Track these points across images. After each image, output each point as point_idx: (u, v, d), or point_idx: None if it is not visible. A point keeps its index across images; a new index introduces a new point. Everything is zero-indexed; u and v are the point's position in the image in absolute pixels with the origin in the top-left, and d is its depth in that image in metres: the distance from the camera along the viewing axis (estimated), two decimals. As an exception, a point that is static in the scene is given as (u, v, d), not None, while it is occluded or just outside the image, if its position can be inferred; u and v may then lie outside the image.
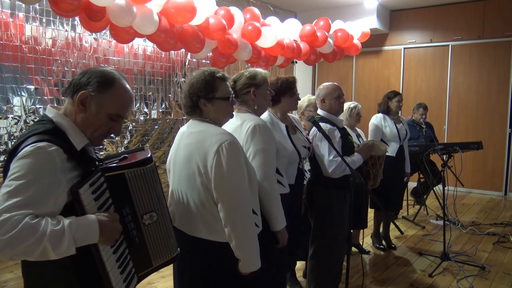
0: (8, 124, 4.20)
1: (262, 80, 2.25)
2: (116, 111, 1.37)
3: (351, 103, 3.95)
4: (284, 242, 2.17)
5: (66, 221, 1.19)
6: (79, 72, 1.38)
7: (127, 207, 1.37)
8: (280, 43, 4.71)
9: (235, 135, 2.10)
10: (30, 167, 1.17)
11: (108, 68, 1.39)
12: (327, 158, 2.70)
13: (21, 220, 1.12)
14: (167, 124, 5.80)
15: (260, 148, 2.10)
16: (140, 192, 1.40)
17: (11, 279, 3.51)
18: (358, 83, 8.23)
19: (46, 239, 1.13)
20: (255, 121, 2.14)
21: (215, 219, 1.76)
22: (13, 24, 4.12)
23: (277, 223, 2.12)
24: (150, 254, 1.46)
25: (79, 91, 1.33)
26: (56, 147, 1.23)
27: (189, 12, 3.55)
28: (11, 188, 1.15)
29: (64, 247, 1.16)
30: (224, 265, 1.78)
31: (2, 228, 1.09)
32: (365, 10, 7.23)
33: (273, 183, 2.14)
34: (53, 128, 1.30)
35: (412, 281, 3.57)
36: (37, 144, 1.21)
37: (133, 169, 1.37)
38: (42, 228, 1.13)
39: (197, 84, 1.83)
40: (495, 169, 6.98)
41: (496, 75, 6.90)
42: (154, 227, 1.45)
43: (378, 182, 3.20)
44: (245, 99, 2.25)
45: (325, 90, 2.88)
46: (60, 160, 1.23)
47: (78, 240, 1.19)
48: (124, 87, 1.39)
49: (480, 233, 4.84)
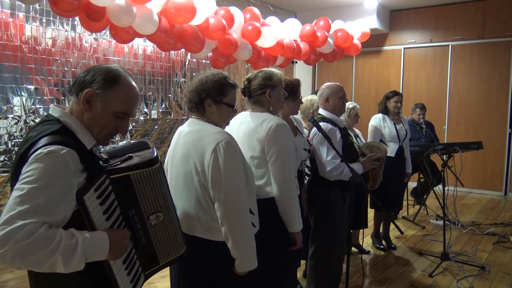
0: (8, 124, 4.20)
1: (278, 81, 2.25)
2: (122, 109, 1.34)
3: (350, 104, 3.94)
4: (300, 243, 2.19)
5: (80, 236, 1.16)
6: (83, 70, 1.35)
7: (133, 208, 1.35)
8: (280, 43, 4.71)
9: (253, 134, 2.12)
10: (43, 171, 1.14)
11: (113, 65, 1.36)
12: (325, 158, 2.70)
13: (36, 229, 1.08)
14: (167, 124, 5.80)
15: (283, 149, 2.10)
16: (146, 193, 1.37)
17: (11, 279, 3.51)
18: (358, 83, 8.23)
19: (59, 252, 1.10)
20: (277, 120, 2.14)
21: (212, 218, 1.76)
22: (13, 24, 4.12)
23: (296, 225, 2.14)
24: (157, 253, 1.45)
25: (84, 89, 1.30)
26: (68, 149, 1.19)
27: (189, 12, 3.55)
28: (23, 192, 1.11)
29: (74, 262, 1.13)
30: (221, 264, 1.78)
31: (16, 236, 1.06)
32: (365, 10, 7.23)
33: (293, 185, 2.15)
34: (62, 128, 1.26)
35: (412, 281, 3.57)
36: (49, 147, 1.17)
37: (139, 171, 1.34)
38: (56, 240, 1.10)
39: (210, 82, 1.83)
40: (495, 169, 6.98)
41: (496, 75, 6.90)
42: (160, 227, 1.44)
43: (378, 184, 3.20)
44: (260, 99, 2.24)
45: (329, 90, 2.87)
46: (73, 162, 1.20)
47: (88, 256, 1.17)
48: (130, 84, 1.35)
49: (480, 233, 4.84)
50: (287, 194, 2.11)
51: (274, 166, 2.11)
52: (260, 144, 2.12)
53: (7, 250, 1.05)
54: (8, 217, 1.08)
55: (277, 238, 2.17)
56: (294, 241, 2.17)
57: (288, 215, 2.12)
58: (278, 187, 2.11)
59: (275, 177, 2.11)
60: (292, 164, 2.18)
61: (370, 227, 4.51)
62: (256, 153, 2.14)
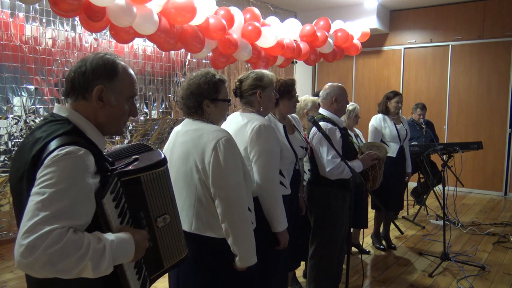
0: (8, 124, 4.20)
1: (268, 82, 2.26)
2: (131, 93, 1.34)
3: (350, 105, 3.93)
4: (285, 243, 2.18)
5: (108, 239, 1.12)
6: (73, 70, 1.28)
7: (142, 211, 1.33)
8: (280, 43, 4.71)
9: (239, 134, 2.13)
10: (62, 173, 1.09)
11: (100, 54, 1.31)
12: (325, 158, 2.70)
13: (64, 234, 1.03)
14: (167, 124, 5.80)
15: (265, 149, 2.11)
16: (154, 194, 1.36)
17: (11, 279, 3.51)
18: (358, 83, 8.23)
19: (88, 256, 1.05)
20: (261, 121, 2.16)
21: (212, 215, 1.78)
22: (13, 24, 4.12)
23: (279, 225, 2.13)
24: (162, 256, 1.43)
25: (89, 88, 1.26)
26: (85, 150, 1.15)
27: (189, 12, 3.55)
28: (45, 197, 1.05)
29: (104, 266, 1.09)
30: (221, 261, 1.80)
31: (43, 242, 1.00)
32: (365, 10, 7.23)
33: (275, 184, 2.15)
34: (73, 128, 1.22)
35: (412, 281, 3.57)
36: (66, 148, 1.12)
37: (149, 172, 1.33)
38: (85, 244, 1.06)
39: (203, 84, 1.85)
40: (495, 169, 6.98)
41: (496, 75, 6.90)
42: (167, 230, 1.43)
43: (378, 184, 3.20)
44: (250, 100, 2.26)
45: (338, 90, 2.87)
46: (90, 163, 1.16)
47: (116, 259, 1.13)
48: (125, 66, 1.34)
49: (480, 233, 4.84)
50: (268, 194, 2.11)
51: (256, 166, 2.11)
52: (243, 144, 2.13)
53: (36, 258, 1.00)
54: (32, 224, 1.02)
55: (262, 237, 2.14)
56: (278, 241, 2.16)
57: (271, 215, 2.12)
58: (259, 187, 2.11)
59: (257, 177, 2.12)
60: (275, 164, 2.17)
61: (370, 227, 4.51)
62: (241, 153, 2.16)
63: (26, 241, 1.00)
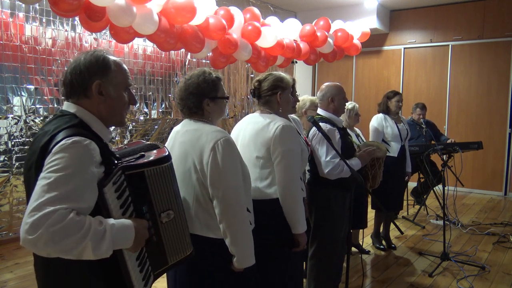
0: (8, 124, 4.20)
1: (288, 84, 2.29)
2: (127, 83, 1.40)
3: (349, 104, 3.92)
4: (304, 245, 2.20)
5: (108, 223, 1.18)
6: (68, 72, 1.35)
7: (145, 205, 1.37)
8: (280, 43, 4.71)
9: (260, 134, 2.15)
10: (69, 160, 1.16)
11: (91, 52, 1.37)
12: (324, 158, 2.70)
13: (67, 215, 1.10)
14: (167, 124, 5.80)
15: (288, 150, 2.12)
16: (158, 190, 1.40)
17: (11, 279, 3.51)
18: (358, 83, 8.23)
19: (89, 237, 1.11)
20: (283, 122, 2.17)
21: (210, 215, 1.78)
22: (13, 24, 4.12)
23: (300, 226, 2.15)
24: (166, 252, 1.46)
25: (87, 85, 1.32)
26: (90, 141, 1.22)
27: (189, 12, 3.55)
28: (51, 180, 1.13)
29: (104, 248, 1.15)
30: (219, 261, 1.79)
31: (47, 220, 1.07)
32: (365, 10, 7.23)
33: (298, 186, 2.17)
34: (80, 122, 1.30)
35: (412, 281, 3.57)
36: (72, 138, 1.20)
37: (153, 167, 1.37)
38: (86, 225, 1.12)
39: (203, 84, 1.85)
40: (495, 169, 6.98)
41: (496, 75, 6.90)
42: (171, 225, 1.46)
43: (378, 184, 3.19)
44: (270, 100, 2.27)
45: (334, 90, 2.87)
46: (95, 153, 1.23)
47: (116, 243, 1.19)
48: (116, 59, 1.40)
49: (480, 233, 4.84)
50: (291, 195, 2.13)
51: (279, 167, 2.12)
52: (266, 145, 2.14)
53: (40, 235, 1.06)
54: (38, 204, 1.09)
55: (281, 238, 2.18)
56: (298, 242, 2.18)
57: (292, 216, 2.14)
58: (282, 188, 2.12)
59: (280, 178, 2.13)
60: (297, 165, 2.19)
61: (370, 227, 4.51)
62: (261, 154, 2.16)
63: (31, 219, 1.08)
